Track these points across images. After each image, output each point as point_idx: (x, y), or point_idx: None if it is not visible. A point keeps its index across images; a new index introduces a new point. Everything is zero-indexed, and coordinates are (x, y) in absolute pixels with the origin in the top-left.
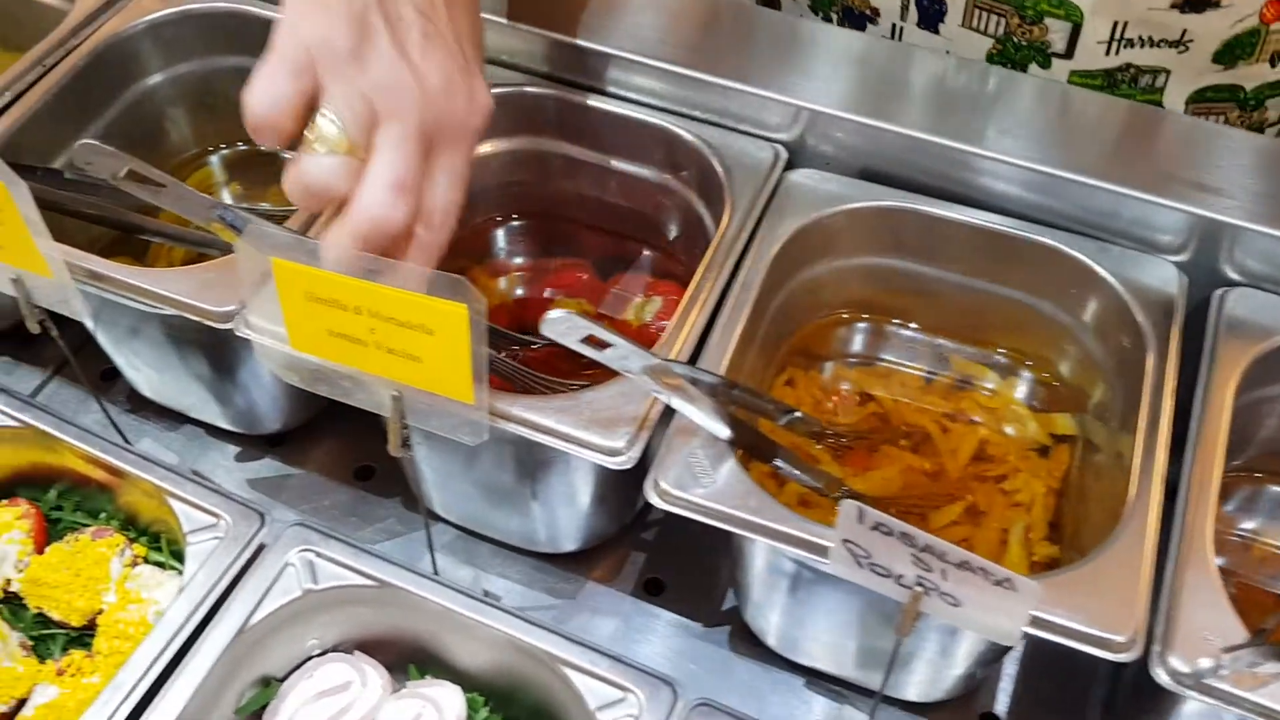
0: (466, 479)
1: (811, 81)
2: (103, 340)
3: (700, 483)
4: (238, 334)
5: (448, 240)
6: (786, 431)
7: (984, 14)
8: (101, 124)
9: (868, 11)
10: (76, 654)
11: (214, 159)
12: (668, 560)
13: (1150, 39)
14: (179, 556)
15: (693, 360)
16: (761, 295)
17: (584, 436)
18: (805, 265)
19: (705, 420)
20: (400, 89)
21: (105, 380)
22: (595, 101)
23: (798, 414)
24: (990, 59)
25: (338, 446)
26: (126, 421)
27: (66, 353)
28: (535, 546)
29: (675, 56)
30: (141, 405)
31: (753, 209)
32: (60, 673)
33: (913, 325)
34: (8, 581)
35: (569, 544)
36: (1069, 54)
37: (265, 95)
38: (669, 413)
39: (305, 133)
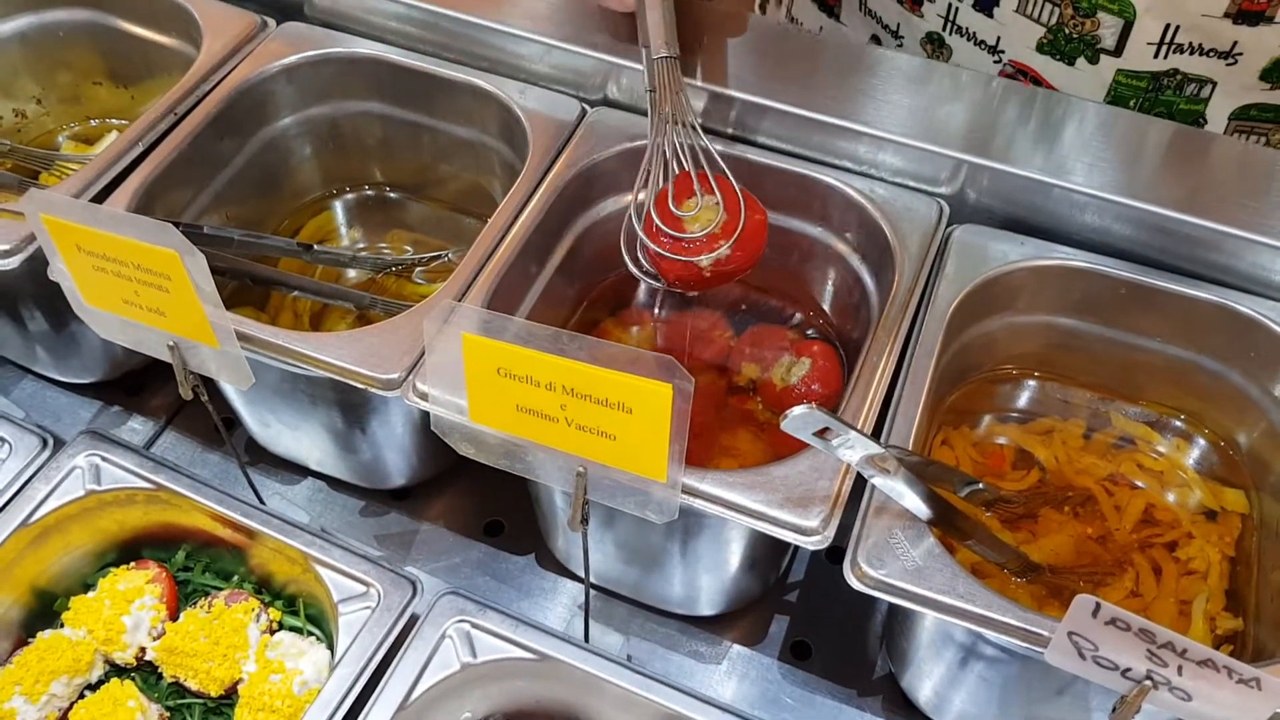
0: (618, 543)
1: (969, 132)
2: (236, 397)
3: (902, 565)
4: (406, 402)
5: None
6: (963, 501)
7: (1040, 2)
8: (231, 171)
9: None
10: None
11: (337, 203)
12: (813, 622)
13: (1200, 46)
14: (315, 621)
15: (877, 432)
16: (937, 360)
17: (778, 515)
18: (975, 323)
19: (911, 501)
20: None
21: (220, 432)
22: (742, 152)
23: (979, 485)
24: (1039, 48)
25: (464, 501)
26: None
27: (216, 420)
28: (678, 609)
29: (820, 105)
30: (259, 456)
31: (922, 267)
32: None
33: (1077, 382)
34: (142, 650)
35: (714, 607)
36: (1118, 52)
37: None
38: (857, 487)
39: None
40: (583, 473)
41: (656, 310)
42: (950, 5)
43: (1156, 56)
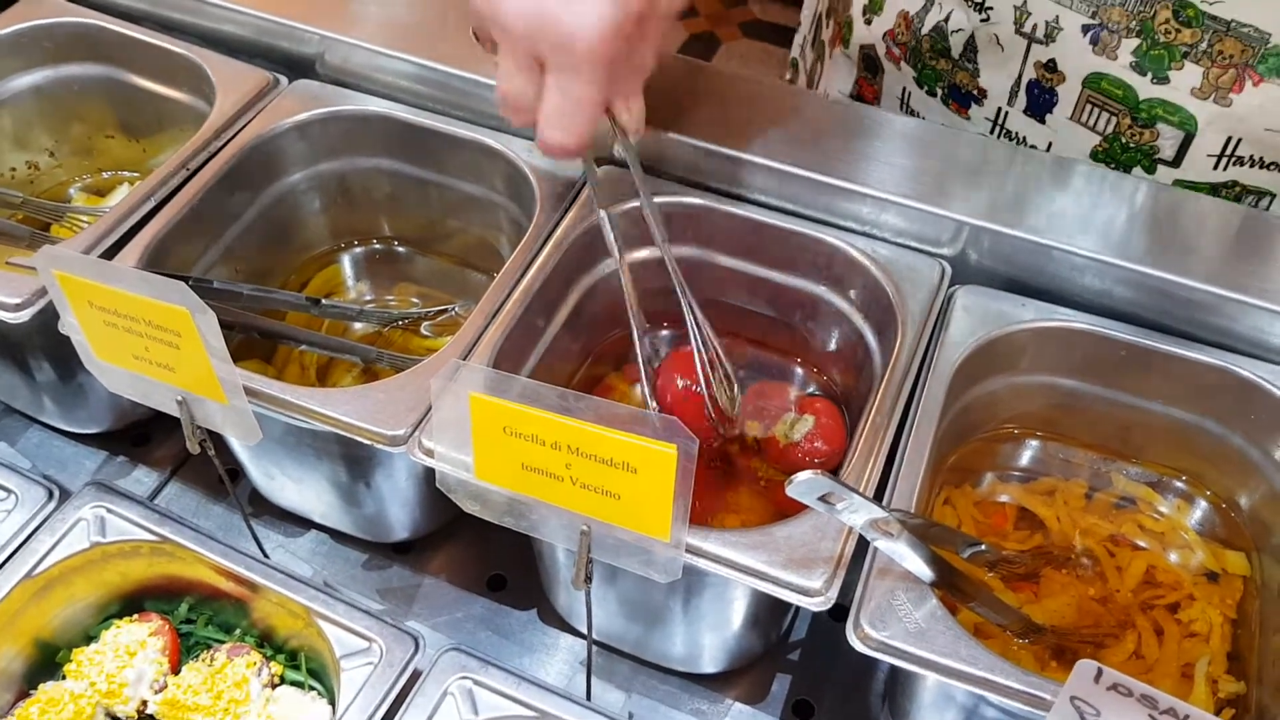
0: (621, 600)
1: (971, 194)
2: (241, 450)
3: (905, 627)
4: (412, 458)
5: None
6: (965, 563)
7: (1096, 110)
8: (241, 226)
9: (975, 92)
10: None
11: (344, 256)
12: (815, 681)
13: (1261, 160)
14: (317, 675)
15: (879, 493)
16: (939, 421)
17: (781, 575)
18: (977, 383)
19: (914, 564)
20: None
21: (224, 483)
22: (748, 212)
23: (981, 546)
24: (1094, 156)
25: (466, 555)
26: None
27: (222, 474)
28: (680, 666)
29: (824, 166)
30: (262, 508)
31: (924, 328)
32: None
33: (1078, 442)
34: (144, 704)
35: (715, 665)
36: (1176, 163)
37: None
38: (860, 547)
39: None
40: (586, 531)
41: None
42: (1000, 109)
43: (1216, 168)
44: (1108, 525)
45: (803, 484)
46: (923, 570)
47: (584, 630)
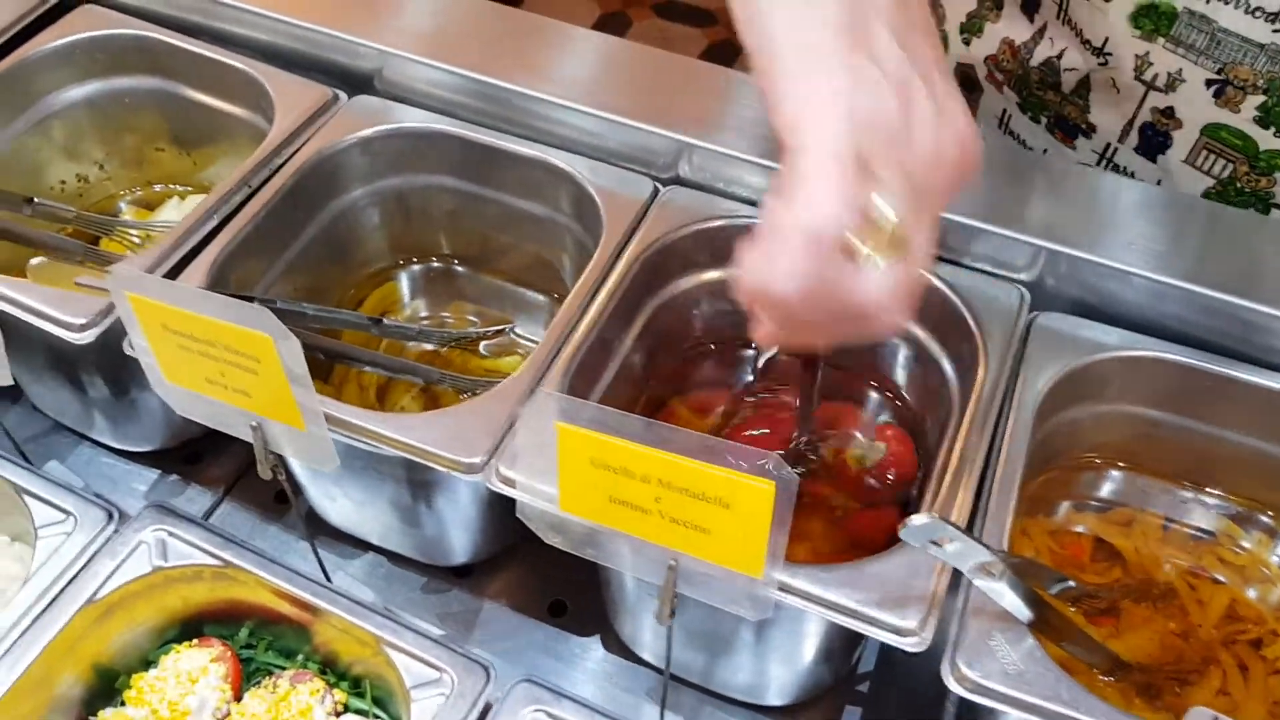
0: (690, 630)
1: (1050, 219)
2: (302, 472)
3: (1003, 668)
4: (489, 487)
5: None
6: (1054, 599)
7: (1212, 156)
8: (301, 243)
9: (1084, 126)
10: None
11: (402, 274)
12: (882, 713)
13: None
14: (380, 704)
15: (970, 527)
16: (1026, 454)
17: (875, 615)
18: (1058, 413)
19: (1012, 603)
20: (944, 164)
21: (278, 502)
22: None
23: (1070, 583)
24: (1205, 195)
25: (527, 579)
26: (308, 549)
27: (293, 499)
28: (746, 697)
29: None
30: (318, 528)
31: (1006, 357)
32: None
33: (1157, 472)
34: None
35: (783, 697)
36: None
37: (835, 198)
38: (953, 585)
39: (852, 239)
40: (674, 566)
41: (725, 388)
42: (1109, 145)
43: None
44: (1187, 558)
45: (919, 529)
46: (1021, 610)
47: (648, 659)
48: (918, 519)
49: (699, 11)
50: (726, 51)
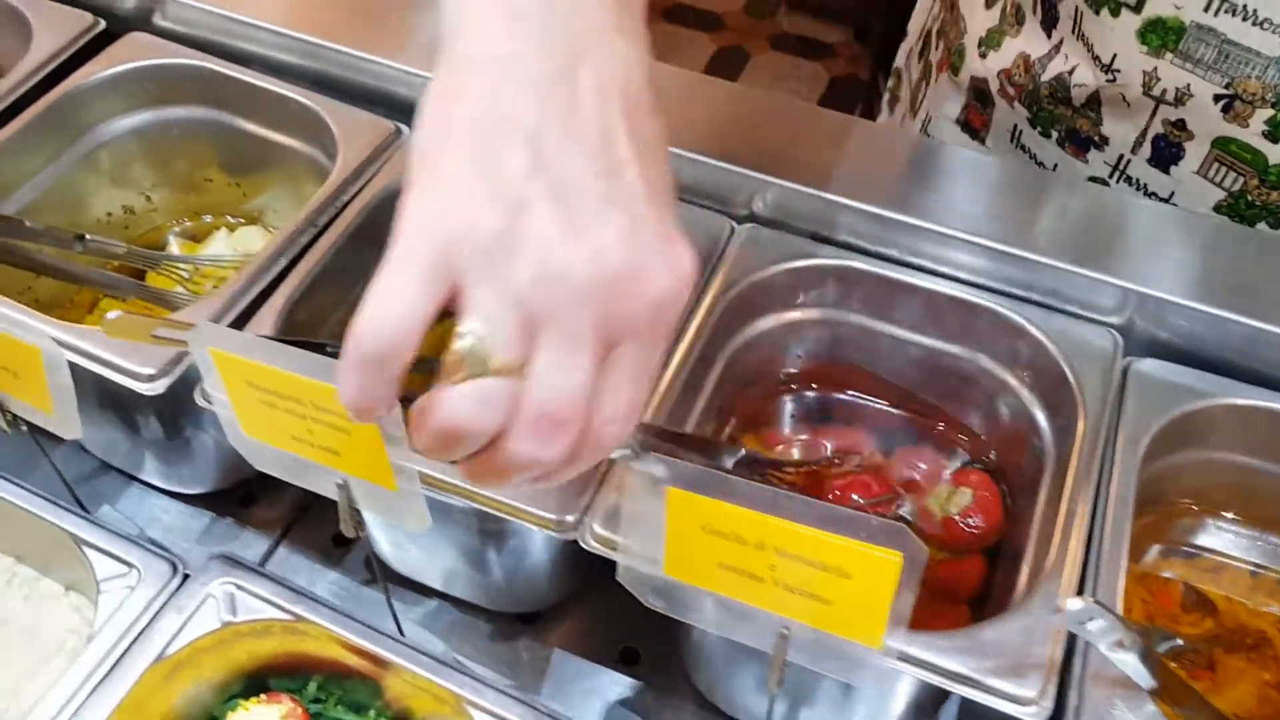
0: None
1: (1141, 261)
2: (372, 519)
3: None
4: (586, 548)
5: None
6: (1164, 659)
7: (1223, 169)
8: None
9: (1095, 138)
10: None
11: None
12: None
13: None
14: None
15: (1081, 587)
16: (1133, 505)
17: (993, 684)
18: (1155, 461)
19: (1137, 671)
20: (567, 282)
21: (336, 545)
22: (908, 277)
23: (1177, 641)
24: (1217, 209)
25: (596, 626)
26: (369, 595)
27: (373, 561)
28: None
29: (990, 231)
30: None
31: (1105, 405)
32: None
33: (1249, 519)
34: None
35: None
36: None
37: (394, 313)
38: (1069, 651)
39: (443, 357)
40: (786, 634)
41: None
42: (1122, 156)
43: None
44: (1274, 603)
45: (1079, 614)
46: (1145, 678)
47: (726, 709)
48: (1075, 604)
49: (707, 16)
50: (735, 57)
